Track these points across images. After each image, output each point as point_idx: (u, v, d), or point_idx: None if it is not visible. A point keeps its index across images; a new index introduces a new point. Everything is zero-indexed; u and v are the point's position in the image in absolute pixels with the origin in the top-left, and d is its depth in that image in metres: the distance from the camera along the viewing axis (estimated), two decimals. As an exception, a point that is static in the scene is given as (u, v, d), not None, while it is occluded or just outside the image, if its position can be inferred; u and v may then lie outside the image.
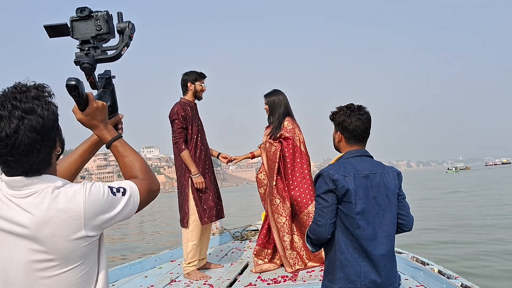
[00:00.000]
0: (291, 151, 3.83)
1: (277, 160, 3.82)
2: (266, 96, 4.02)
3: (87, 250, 1.16)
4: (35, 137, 1.08)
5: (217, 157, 4.28)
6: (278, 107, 3.92)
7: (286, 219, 3.77)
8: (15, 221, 1.09)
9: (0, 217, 1.11)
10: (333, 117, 2.10)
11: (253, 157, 4.20)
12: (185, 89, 3.99)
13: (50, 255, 1.10)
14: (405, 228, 2.05)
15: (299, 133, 3.90)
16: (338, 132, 2.08)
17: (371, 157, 2.07)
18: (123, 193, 1.21)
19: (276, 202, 3.80)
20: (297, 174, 3.82)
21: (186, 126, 3.83)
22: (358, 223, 1.89)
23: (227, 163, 4.44)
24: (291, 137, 3.83)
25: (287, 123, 3.88)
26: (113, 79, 1.45)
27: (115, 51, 1.35)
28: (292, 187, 3.80)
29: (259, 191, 4.05)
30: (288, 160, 3.83)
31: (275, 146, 3.85)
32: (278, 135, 3.87)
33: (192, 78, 3.95)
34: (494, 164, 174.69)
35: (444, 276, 2.93)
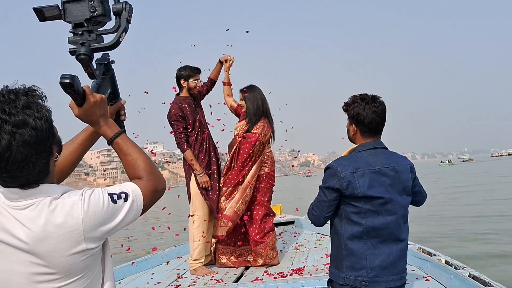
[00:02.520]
0: (249, 148, 3.83)
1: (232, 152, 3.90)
2: (244, 91, 3.96)
3: (89, 261, 1.11)
4: (29, 151, 1.02)
5: (221, 63, 4.11)
6: (255, 105, 3.89)
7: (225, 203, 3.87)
8: (12, 234, 1.05)
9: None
10: (347, 109, 2.05)
11: (224, 84, 4.18)
12: (179, 86, 3.95)
13: (51, 269, 1.06)
14: (417, 205, 2.16)
15: (266, 133, 3.87)
16: (353, 125, 2.03)
17: (386, 148, 2.04)
18: (125, 199, 1.15)
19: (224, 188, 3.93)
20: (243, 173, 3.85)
21: (187, 124, 3.81)
22: (365, 214, 1.88)
23: (224, 62, 4.12)
24: (257, 133, 3.84)
25: (260, 123, 3.88)
26: (112, 64, 1.36)
27: (112, 38, 1.26)
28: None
29: None
30: (242, 155, 3.84)
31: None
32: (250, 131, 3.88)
33: (185, 74, 3.89)
34: (500, 155, 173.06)
35: (451, 266, 2.92)
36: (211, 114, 4.17)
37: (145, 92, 4.26)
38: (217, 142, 4.11)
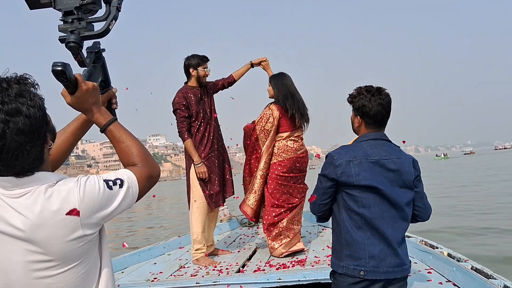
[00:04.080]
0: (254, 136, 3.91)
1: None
2: (271, 78, 3.96)
3: (86, 248, 1.11)
4: (23, 139, 1.01)
5: (252, 66, 4.14)
6: (276, 91, 3.87)
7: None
8: (8, 222, 1.05)
9: None
10: (352, 101, 2.03)
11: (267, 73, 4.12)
12: (188, 74, 3.92)
13: (48, 256, 1.06)
14: (419, 219, 2.03)
15: (267, 119, 3.82)
16: (358, 117, 2.02)
17: (389, 141, 2.03)
18: (120, 185, 1.15)
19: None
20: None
21: (190, 114, 3.79)
22: (363, 203, 1.89)
23: (259, 64, 4.15)
24: (256, 122, 3.87)
25: (265, 108, 3.88)
26: (103, 52, 1.35)
27: (102, 25, 1.25)
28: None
29: None
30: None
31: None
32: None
33: (194, 63, 3.85)
34: (504, 148, 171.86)
35: (453, 259, 2.92)
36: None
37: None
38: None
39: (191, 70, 3.86)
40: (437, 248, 3.25)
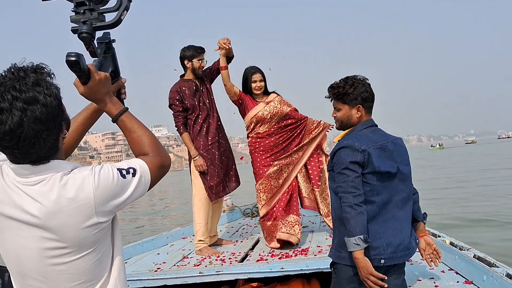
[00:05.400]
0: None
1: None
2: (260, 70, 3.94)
3: (100, 235, 1.14)
4: (40, 127, 1.03)
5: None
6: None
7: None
8: (24, 209, 1.07)
9: (10, 205, 1.08)
10: (347, 91, 2.00)
11: (220, 68, 3.79)
12: (183, 67, 3.89)
13: (62, 243, 1.08)
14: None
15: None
16: (359, 106, 2.01)
17: (377, 126, 2.07)
18: (133, 174, 1.17)
19: None
20: None
21: (185, 107, 3.77)
22: (377, 190, 1.89)
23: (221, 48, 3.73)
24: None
25: (279, 97, 3.95)
26: (113, 43, 1.37)
27: (114, 16, 1.26)
28: None
29: None
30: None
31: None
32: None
33: (189, 54, 3.80)
34: (507, 137, 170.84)
35: (456, 247, 2.92)
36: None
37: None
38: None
39: (185, 62, 3.83)
40: (439, 236, 3.26)
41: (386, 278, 1.84)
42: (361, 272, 1.84)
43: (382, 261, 1.87)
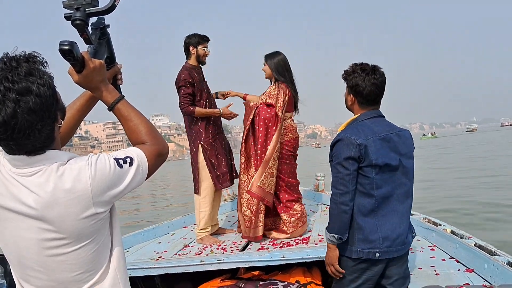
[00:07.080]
0: (271, 118, 3.65)
1: (248, 121, 3.69)
2: (266, 57, 3.82)
3: (98, 225, 1.13)
4: (34, 118, 1.01)
5: (216, 97, 4.08)
6: (274, 70, 3.75)
7: (247, 178, 3.68)
8: (21, 201, 1.06)
9: (7, 196, 1.07)
10: (347, 78, 2.01)
11: (245, 98, 4.02)
12: (187, 53, 3.87)
13: (61, 234, 1.08)
14: None
15: (282, 99, 3.68)
16: (351, 95, 2.01)
17: (384, 117, 2.03)
18: (130, 163, 1.16)
19: (241, 160, 3.72)
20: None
21: (194, 92, 3.75)
22: (377, 184, 1.87)
23: (224, 98, 4.16)
24: (273, 104, 3.66)
25: (272, 88, 3.74)
26: (107, 28, 1.34)
27: (108, 2, 1.23)
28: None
29: None
30: (261, 127, 3.65)
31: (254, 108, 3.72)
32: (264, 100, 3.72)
33: (194, 41, 3.81)
34: (510, 124, 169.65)
35: (457, 236, 2.92)
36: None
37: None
38: None
39: (191, 48, 3.82)
40: (440, 225, 3.26)
41: (344, 272, 1.96)
42: (326, 259, 1.99)
43: (377, 254, 1.88)
